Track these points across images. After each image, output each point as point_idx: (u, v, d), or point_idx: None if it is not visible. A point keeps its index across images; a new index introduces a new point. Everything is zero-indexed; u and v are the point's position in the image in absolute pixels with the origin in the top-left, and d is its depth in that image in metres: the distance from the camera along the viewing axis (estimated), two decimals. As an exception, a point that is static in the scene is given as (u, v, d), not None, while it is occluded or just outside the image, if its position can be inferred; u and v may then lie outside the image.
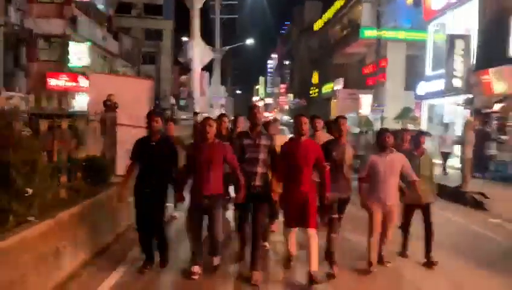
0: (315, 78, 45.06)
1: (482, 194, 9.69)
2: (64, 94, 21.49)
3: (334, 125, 5.36)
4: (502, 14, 13.38)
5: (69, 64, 22.75)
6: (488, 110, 13.08)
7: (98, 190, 5.24)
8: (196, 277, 4.69)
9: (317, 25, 42.86)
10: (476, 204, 9.34)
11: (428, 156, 5.67)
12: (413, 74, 22.84)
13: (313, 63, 47.17)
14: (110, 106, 5.86)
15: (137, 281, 4.60)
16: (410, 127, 19.70)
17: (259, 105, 5.78)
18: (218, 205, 4.72)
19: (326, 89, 38.85)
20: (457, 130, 13.45)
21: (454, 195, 9.93)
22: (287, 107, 58.65)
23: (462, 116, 14.54)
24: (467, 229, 7.65)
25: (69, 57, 22.63)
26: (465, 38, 14.18)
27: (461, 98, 14.36)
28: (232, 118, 6.83)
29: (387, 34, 25.10)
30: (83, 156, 5.36)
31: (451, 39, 14.29)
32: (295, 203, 4.74)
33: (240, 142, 4.87)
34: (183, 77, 57.84)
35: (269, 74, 75.65)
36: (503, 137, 12.70)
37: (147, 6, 48.64)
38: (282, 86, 63.05)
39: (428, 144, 6.24)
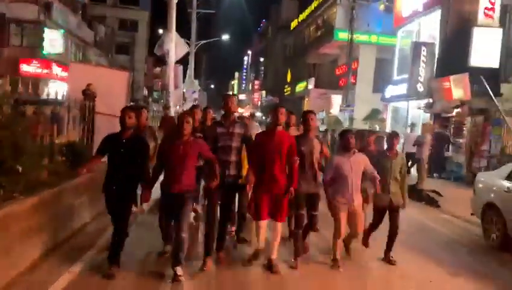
0: (289, 77, 45.73)
1: (436, 192, 10.46)
2: (37, 81, 21.28)
3: (303, 120, 5.34)
4: (463, 25, 14.24)
5: (43, 51, 22.49)
6: (448, 115, 13.96)
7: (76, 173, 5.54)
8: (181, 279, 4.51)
9: (293, 24, 43.47)
10: (430, 201, 10.06)
11: (401, 158, 5.63)
12: (381, 77, 23.73)
13: (287, 62, 47.79)
14: (89, 94, 6.16)
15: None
16: (377, 128, 20.59)
17: (232, 95, 5.73)
18: (188, 202, 4.62)
19: (300, 87, 39.56)
20: (418, 132, 14.23)
21: (410, 192, 10.63)
22: (259, 103, 59.18)
23: (423, 119, 15.39)
24: (420, 223, 8.30)
25: (43, 43, 22.37)
26: (429, 46, 15.01)
27: (423, 102, 15.21)
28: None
29: (360, 37, 25.89)
30: (63, 142, 5.66)
31: (416, 46, 15.11)
32: (268, 194, 4.74)
33: (213, 131, 4.87)
34: (157, 69, 57.44)
35: (244, 70, 75.96)
36: (459, 140, 13.58)
37: (122, -5, 48.15)
38: (256, 82, 63.53)
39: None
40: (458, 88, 12.87)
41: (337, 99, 29.14)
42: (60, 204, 5.01)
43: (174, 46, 15.13)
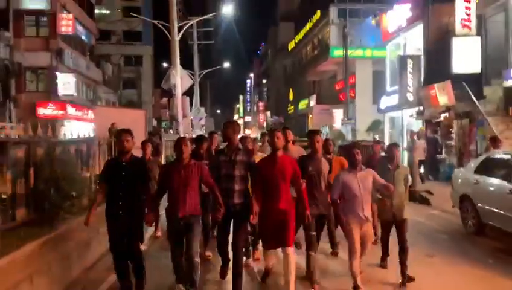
0: (291, 96, 47.04)
1: (428, 192, 11.45)
2: (53, 122, 22.76)
3: (309, 141, 5.31)
4: (443, 37, 15.39)
5: (59, 94, 24.05)
6: (437, 120, 15.00)
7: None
8: None
9: (291, 45, 45.00)
10: (423, 200, 11.05)
11: (403, 169, 5.55)
12: (379, 89, 24.85)
13: (288, 81, 49.20)
14: (113, 132, 7.33)
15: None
16: (376, 138, 21.58)
17: (237, 121, 5.65)
18: (196, 226, 4.65)
19: (302, 105, 40.75)
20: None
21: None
22: (265, 124, 60.45)
23: (417, 126, 16.43)
24: (412, 220, 9.27)
25: (57, 87, 23.95)
26: (414, 58, 16.18)
27: (414, 110, 16.28)
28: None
29: (355, 52, 27.07)
30: (97, 173, 6.81)
31: (402, 59, 16.28)
32: (273, 222, 4.62)
33: (216, 160, 4.81)
34: (164, 100, 59.32)
35: (248, 93, 77.66)
36: (450, 142, 14.58)
37: (126, 33, 50.23)
38: (261, 104, 64.97)
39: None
40: (443, 95, 13.94)
41: (338, 114, 30.25)
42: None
43: (180, 80, 16.48)
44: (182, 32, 17.45)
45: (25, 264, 4.16)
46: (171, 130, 41.46)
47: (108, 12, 49.73)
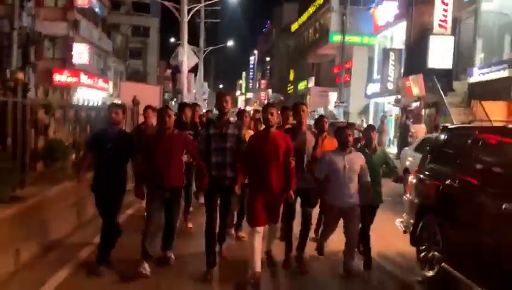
0: (291, 76, 48.78)
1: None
2: (67, 89, 24.79)
3: (294, 112, 5.19)
4: (423, 34, 17.31)
5: (73, 62, 26.00)
6: (410, 108, 17.06)
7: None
8: (147, 273, 4.58)
9: (294, 27, 46.47)
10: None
11: (382, 152, 5.42)
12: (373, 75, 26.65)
13: (290, 61, 50.77)
14: (135, 102, 9.38)
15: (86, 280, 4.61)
16: (364, 121, 23.62)
17: (227, 93, 4.96)
18: (179, 197, 4.80)
19: (301, 86, 42.55)
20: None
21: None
22: (266, 101, 62.23)
23: (395, 112, 18.51)
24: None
25: (72, 56, 25.87)
26: (396, 51, 18.12)
27: (393, 98, 18.32)
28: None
29: (352, 39, 28.67)
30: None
31: (385, 52, 18.21)
32: (265, 199, 4.53)
33: (206, 132, 4.69)
34: (168, 71, 61.09)
35: (251, 70, 79.10)
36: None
37: (135, 4, 51.54)
38: (263, 81, 66.56)
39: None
40: (415, 86, 15.97)
41: (333, 96, 32.15)
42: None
43: (187, 58, 18.47)
44: (190, 14, 19.36)
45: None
46: (172, 102, 43.47)
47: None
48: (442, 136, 5.38)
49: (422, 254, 4.89)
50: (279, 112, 5.34)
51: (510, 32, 14.63)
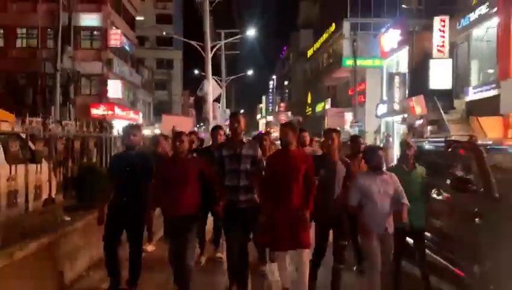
0: (309, 98, 50.80)
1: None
2: (105, 121, 27.32)
3: (324, 139, 4.87)
4: (424, 58, 19.08)
5: (108, 97, 28.66)
6: (414, 126, 18.72)
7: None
8: None
9: (309, 52, 48.73)
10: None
11: (420, 171, 4.86)
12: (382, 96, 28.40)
13: (307, 85, 52.89)
14: (174, 131, 11.43)
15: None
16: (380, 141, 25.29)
17: (239, 113, 4.87)
18: (192, 227, 4.42)
19: (319, 107, 44.41)
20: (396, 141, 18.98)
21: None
22: (286, 124, 64.04)
23: (402, 130, 20.20)
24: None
25: (107, 91, 28.55)
26: (400, 74, 19.91)
27: (400, 117, 20.03)
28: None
29: (365, 62, 30.55)
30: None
31: (390, 76, 20.03)
32: (284, 222, 4.23)
33: (219, 154, 4.49)
34: (191, 99, 64.03)
35: (270, 94, 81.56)
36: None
37: (158, 39, 54.97)
38: (282, 104, 68.77)
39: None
40: (418, 106, 17.67)
41: (349, 117, 33.88)
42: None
43: (212, 89, 20.70)
44: (213, 51, 21.68)
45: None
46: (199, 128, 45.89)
47: (142, 19, 54.61)
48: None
49: None
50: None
51: (479, 58, 16.31)
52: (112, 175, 4.69)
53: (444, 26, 18.00)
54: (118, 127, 19.86)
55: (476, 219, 4.20)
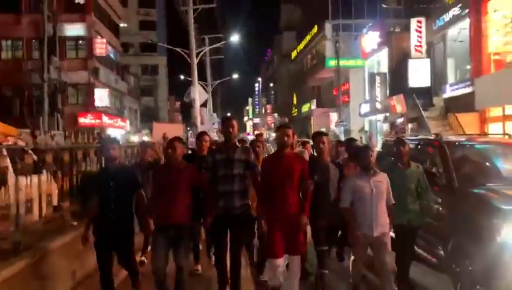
0: (294, 99, 51.48)
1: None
2: (92, 130, 27.57)
3: (314, 143, 4.83)
4: (403, 57, 19.80)
5: (95, 105, 28.88)
6: (396, 124, 19.42)
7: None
8: None
9: (293, 54, 49.45)
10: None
11: (416, 168, 4.77)
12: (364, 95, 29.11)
13: (292, 86, 53.58)
14: (166, 138, 11.84)
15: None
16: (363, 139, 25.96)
17: (232, 118, 4.71)
18: (184, 237, 4.31)
19: (305, 108, 45.08)
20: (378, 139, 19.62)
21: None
22: (273, 125, 64.83)
23: (385, 128, 20.89)
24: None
25: (94, 100, 28.77)
26: (381, 74, 20.60)
27: (382, 116, 20.71)
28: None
29: (347, 62, 31.22)
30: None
31: (371, 76, 20.72)
32: (281, 227, 4.17)
33: (213, 159, 4.41)
34: (177, 104, 64.32)
35: (256, 96, 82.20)
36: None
37: (142, 45, 55.14)
38: (268, 106, 69.42)
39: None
40: (398, 104, 18.36)
41: (334, 116, 34.57)
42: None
43: (198, 95, 21.10)
44: (199, 57, 22.12)
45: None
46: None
47: (126, 25, 54.73)
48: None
49: None
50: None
51: (455, 57, 17.07)
52: (95, 190, 4.47)
53: (420, 27, 18.74)
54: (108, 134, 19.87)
55: (440, 208, 4.75)
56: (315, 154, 5.19)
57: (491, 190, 4.50)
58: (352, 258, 4.66)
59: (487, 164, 5.43)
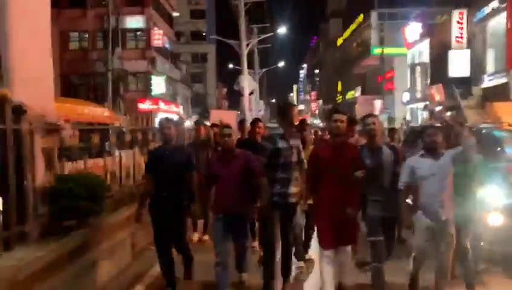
0: (339, 86, 52.20)
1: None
2: (151, 115, 30.05)
3: (364, 126, 4.34)
4: (444, 48, 20.56)
5: (152, 93, 31.35)
6: (435, 112, 20.31)
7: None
8: None
9: (339, 42, 50.07)
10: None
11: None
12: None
13: (337, 73, 54.26)
14: (221, 124, 13.62)
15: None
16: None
17: (295, 105, 5.28)
18: (244, 224, 4.44)
19: (349, 95, 45.88)
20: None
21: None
22: (317, 112, 65.77)
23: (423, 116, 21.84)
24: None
25: (151, 87, 31.25)
26: (422, 65, 21.45)
27: (422, 104, 21.63)
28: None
29: (392, 50, 31.79)
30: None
31: (412, 66, 21.60)
32: (333, 218, 4.00)
33: (275, 146, 4.29)
34: (224, 90, 66.59)
35: (301, 83, 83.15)
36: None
37: (193, 33, 57.51)
38: (313, 93, 70.36)
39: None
40: (438, 94, 19.27)
41: (378, 104, 35.32)
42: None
43: (247, 84, 22.86)
44: (248, 48, 23.84)
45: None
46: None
47: (178, 15, 57.23)
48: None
49: None
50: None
51: (494, 48, 17.69)
52: (151, 171, 4.55)
53: (462, 18, 19.43)
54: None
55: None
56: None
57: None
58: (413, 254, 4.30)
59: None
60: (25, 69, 4.08)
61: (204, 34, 56.86)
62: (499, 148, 7.06)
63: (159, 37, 31.44)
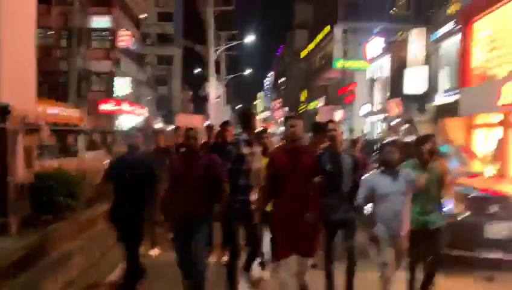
0: (303, 96, 53.28)
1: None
2: (112, 116, 29.75)
3: (323, 131, 4.54)
4: (401, 65, 21.66)
5: (114, 94, 31.06)
6: (392, 124, 21.34)
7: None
8: None
9: (304, 53, 51.24)
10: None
11: (440, 165, 4.49)
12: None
13: (302, 83, 55.41)
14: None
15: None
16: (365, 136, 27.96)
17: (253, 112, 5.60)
18: (203, 227, 4.22)
19: (312, 105, 46.92)
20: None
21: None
22: (281, 119, 66.61)
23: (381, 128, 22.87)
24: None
25: (114, 88, 30.97)
26: (380, 80, 22.52)
27: (381, 116, 22.67)
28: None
29: (353, 64, 32.89)
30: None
31: (371, 80, 22.65)
32: (290, 226, 3.91)
33: (239, 152, 4.39)
34: (189, 93, 66.42)
35: (266, 90, 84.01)
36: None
37: (159, 36, 57.18)
38: (278, 101, 71.26)
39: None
40: (396, 107, 20.30)
41: (339, 114, 36.40)
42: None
43: (214, 89, 23.15)
44: (216, 54, 24.15)
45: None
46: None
47: (145, 16, 56.74)
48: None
49: None
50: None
51: (449, 67, 18.92)
52: (111, 179, 4.47)
53: (420, 37, 20.56)
54: (125, 121, 22.13)
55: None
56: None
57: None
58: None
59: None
60: (10, 70, 4.24)
61: (170, 36, 56.65)
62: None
63: (125, 39, 31.27)
